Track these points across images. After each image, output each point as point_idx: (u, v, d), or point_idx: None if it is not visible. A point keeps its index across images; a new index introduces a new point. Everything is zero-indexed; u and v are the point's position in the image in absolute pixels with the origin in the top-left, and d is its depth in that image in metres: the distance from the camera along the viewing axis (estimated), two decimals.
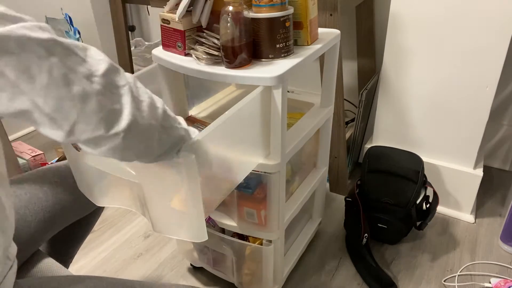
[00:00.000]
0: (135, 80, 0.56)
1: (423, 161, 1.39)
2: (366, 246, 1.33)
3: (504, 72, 1.54)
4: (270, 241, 1.06)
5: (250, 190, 1.00)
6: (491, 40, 1.24)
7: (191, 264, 1.34)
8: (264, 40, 0.88)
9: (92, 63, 0.50)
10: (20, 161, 1.71)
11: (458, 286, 1.25)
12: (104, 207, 1.07)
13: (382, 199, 1.33)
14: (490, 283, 1.23)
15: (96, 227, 1.52)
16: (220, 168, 0.81)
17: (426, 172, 1.39)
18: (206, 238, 0.71)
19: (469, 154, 1.43)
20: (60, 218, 0.88)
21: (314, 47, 0.96)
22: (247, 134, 0.86)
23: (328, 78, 1.14)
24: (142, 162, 0.60)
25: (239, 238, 1.13)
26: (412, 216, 1.32)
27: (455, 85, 1.35)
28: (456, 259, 1.34)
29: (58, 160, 1.86)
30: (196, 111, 1.19)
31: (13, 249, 0.69)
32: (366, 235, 1.31)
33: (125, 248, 1.44)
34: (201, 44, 0.91)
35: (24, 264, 0.82)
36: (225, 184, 0.83)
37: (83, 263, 1.38)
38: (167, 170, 0.66)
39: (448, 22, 1.28)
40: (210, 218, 1.11)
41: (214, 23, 0.91)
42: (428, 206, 1.38)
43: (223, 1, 0.82)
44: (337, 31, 1.07)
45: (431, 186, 1.37)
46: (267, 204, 1.00)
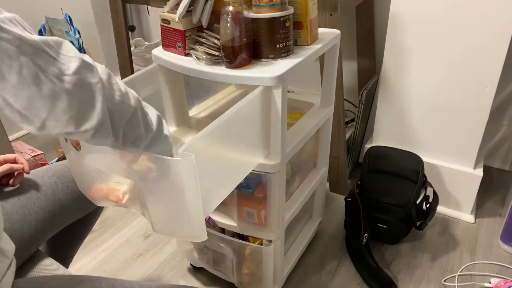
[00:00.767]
0: (110, 76, 0.56)
1: (423, 161, 1.39)
2: (366, 246, 1.33)
3: (504, 72, 1.54)
4: (270, 241, 1.06)
5: (250, 190, 1.00)
6: (491, 40, 1.24)
7: (191, 264, 1.34)
8: (264, 40, 0.88)
9: (63, 61, 0.50)
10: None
11: (458, 286, 1.25)
12: (104, 207, 1.07)
13: (382, 199, 1.33)
14: (490, 283, 1.23)
15: (96, 227, 1.52)
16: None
17: (426, 172, 1.39)
18: (206, 238, 0.71)
19: (469, 154, 1.43)
20: (60, 218, 0.88)
21: (314, 47, 0.96)
22: (247, 134, 0.86)
23: (328, 78, 1.14)
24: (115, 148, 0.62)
25: (239, 238, 1.13)
26: (412, 216, 1.32)
27: (455, 85, 1.35)
28: (456, 259, 1.34)
29: (58, 160, 1.86)
30: (196, 111, 1.19)
31: (9, 247, 0.68)
32: (366, 235, 1.31)
33: (125, 248, 1.44)
34: (201, 44, 0.91)
35: (24, 264, 0.82)
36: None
37: (83, 263, 1.38)
38: (167, 169, 0.66)
39: (448, 22, 1.28)
40: (210, 218, 1.11)
41: (214, 23, 0.91)
42: (428, 206, 1.38)
43: (223, 1, 0.82)
44: (337, 31, 1.07)
45: (431, 186, 1.37)
46: (267, 204, 1.00)
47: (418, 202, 1.33)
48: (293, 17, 0.90)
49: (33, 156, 1.72)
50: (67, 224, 0.92)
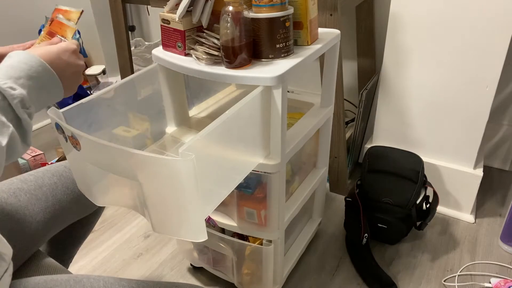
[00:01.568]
0: None
1: (423, 161, 1.39)
2: (366, 246, 1.33)
3: (504, 72, 1.54)
4: (270, 241, 1.06)
5: (250, 190, 1.00)
6: (491, 40, 1.24)
7: (191, 264, 1.34)
8: (264, 40, 0.88)
9: None
10: (20, 161, 1.71)
11: (458, 286, 1.25)
12: (104, 207, 1.07)
13: (382, 199, 1.33)
14: (490, 283, 1.23)
15: (96, 227, 1.52)
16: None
17: (426, 172, 1.39)
18: (206, 238, 0.71)
19: (469, 154, 1.43)
20: (60, 219, 0.88)
21: (314, 47, 0.96)
22: (247, 134, 0.86)
23: (328, 78, 1.14)
24: None
25: (239, 238, 1.13)
26: (412, 216, 1.32)
27: (455, 85, 1.35)
28: (456, 259, 1.34)
29: (58, 160, 1.86)
30: (196, 111, 1.20)
31: (7, 250, 0.69)
32: (366, 235, 1.31)
33: (125, 248, 1.45)
34: (201, 44, 0.91)
35: (24, 264, 0.82)
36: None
37: (83, 263, 1.38)
38: (166, 169, 0.66)
39: (448, 22, 1.28)
40: (210, 218, 1.11)
41: (214, 23, 0.91)
42: (428, 206, 1.38)
43: (223, 1, 0.82)
44: (337, 31, 1.07)
45: (431, 186, 1.37)
46: (267, 204, 1.00)
47: (418, 202, 1.33)
48: (293, 17, 0.90)
49: (33, 156, 1.72)
50: (68, 225, 0.92)
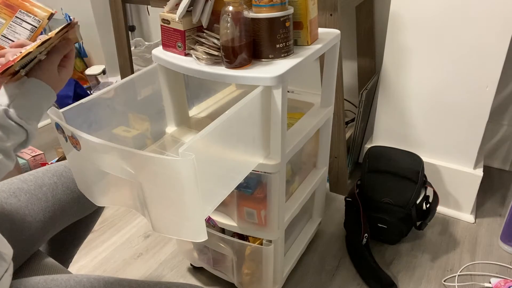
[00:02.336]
0: None
1: (423, 161, 1.39)
2: (366, 246, 1.33)
3: (504, 72, 1.54)
4: (270, 241, 1.06)
5: (250, 190, 1.00)
6: (491, 40, 1.24)
7: (191, 264, 1.34)
8: (264, 40, 0.87)
9: None
10: (20, 161, 1.71)
11: (458, 286, 1.25)
12: (104, 207, 1.07)
13: (382, 199, 1.33)
14: (490, 283, 1.23)
15: (96, 227, 1.52)
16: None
17: (426, 172, 1.39)
18: (206, 238, 0.71)
19: (469, 154, 1.43)
20: (60, 219, 0.88)
21: (314, 47, 0.96)
22: (247, 134, 0.86)
23: (328, 78, 1.14)
24: None
25: (239, 238, 1.13)
26: (412, 216, 1.32)
27: (455, 85, 1.35)
28: (456, 259, 1.34)
29: (58, 160, 1.86)
30: (196, 111, 1.20)
31: (8, 250, 0.69)
32: (366, 235, 1.31)
33: (125, 248, 1.45)
34: (201, 44, 0.91)
35: (24, 264, 0.82)
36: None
37: (83, 263, 1.38)
38: (167, 169, 0.66)
39: (448, 22, 1.28)
40: (210, 218, 1.11)
41: (214, 23, 0.91)
42: (428, 206, 1.38)
43: (223, 1, 0.82)
44: (337, 31, 1.07)
45: (431, 186, 1.37)
46: (267, 204, 1.00)
47: (418, 202, 1.33)
48: (293, 17, 0.90)
49: (33, 156, 1.72)
50: (68, 225, 0.92)
